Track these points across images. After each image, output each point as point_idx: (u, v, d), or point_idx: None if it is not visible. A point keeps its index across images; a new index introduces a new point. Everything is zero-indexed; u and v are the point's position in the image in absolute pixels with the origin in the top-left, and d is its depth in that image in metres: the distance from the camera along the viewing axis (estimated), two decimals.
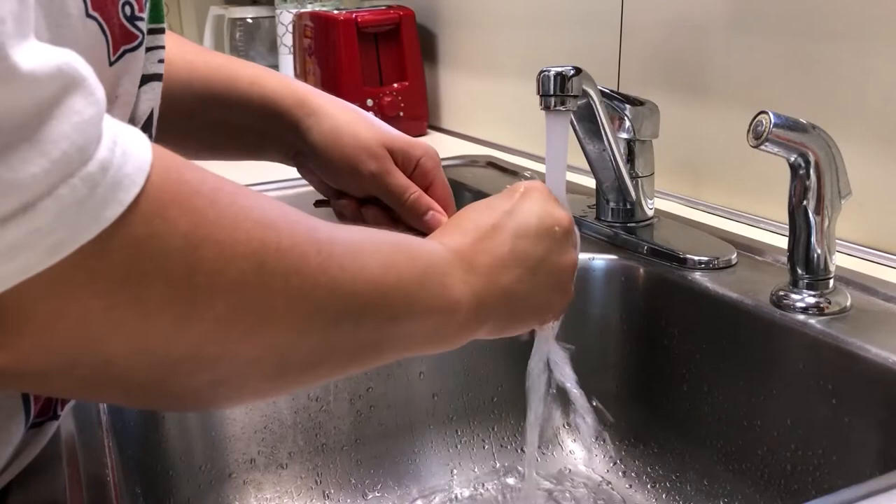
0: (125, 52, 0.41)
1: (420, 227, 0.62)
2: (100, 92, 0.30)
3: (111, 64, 0.40)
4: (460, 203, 0.61)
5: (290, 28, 1.52)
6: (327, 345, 0.40)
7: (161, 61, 0.49)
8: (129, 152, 0.30)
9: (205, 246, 0.33)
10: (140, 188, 0.30)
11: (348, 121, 0.63)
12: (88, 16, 0.37)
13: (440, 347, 0.48)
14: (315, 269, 0.37)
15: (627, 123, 0.80)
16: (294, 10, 1.52)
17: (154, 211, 0.31)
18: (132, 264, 0.30)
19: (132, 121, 0.46)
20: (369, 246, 0.42)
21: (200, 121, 0.65)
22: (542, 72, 0.66)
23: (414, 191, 0.62)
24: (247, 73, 0.65)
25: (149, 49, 0.46)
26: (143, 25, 0.42)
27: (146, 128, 0.48)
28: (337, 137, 0.62)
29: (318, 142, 0.62)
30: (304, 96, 0.64)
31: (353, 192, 0.64)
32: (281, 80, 0.65)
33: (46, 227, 0.27)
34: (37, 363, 0.31)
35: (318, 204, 0.67)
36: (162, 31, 0.48)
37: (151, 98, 0.48)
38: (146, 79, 0.47)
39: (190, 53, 0.65)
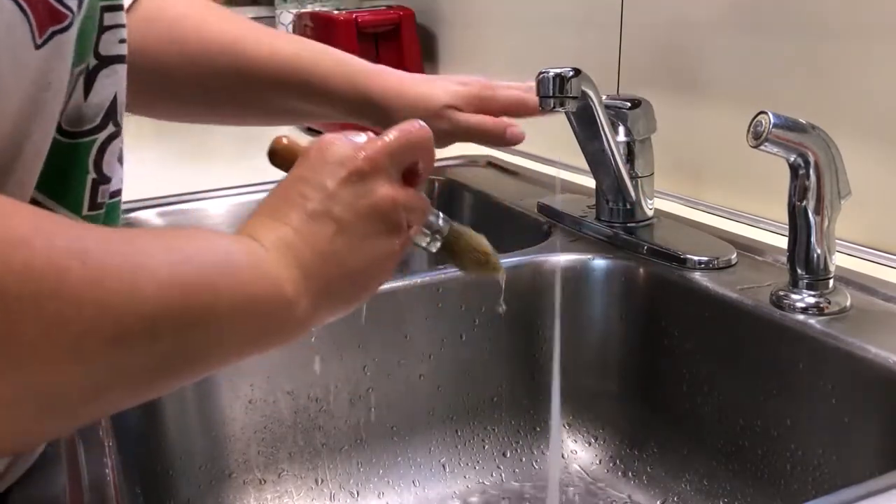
0: (53, 33, 0.38)
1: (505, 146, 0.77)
2: None
3: (38, 47, 0.37)
4: (461, 203, 0.61)
5: (291, 28, 1.52)
6: (113, 369, 0.33)
7: (122, 41, 0.45)
8: None
9: None
10: None
11: (413, 79, 0.75)
12: None
13: (274, 343, 0.41)
14: (79, 284, 0.31)
15: (623, 129, 0.80)
16: (294, 10, 1.52)
17: None
18: None
19: (88, 109, 0.43)
20: (155, 245, 0.36)
21: (272, 108, 0.75)
22: (541, 73, 0.66)
23: (488, 122, 0.74)
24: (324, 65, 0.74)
25: (107, 28, 0.44)
26: (73, 3, 0.39)
27: (110, 114, 0.45)
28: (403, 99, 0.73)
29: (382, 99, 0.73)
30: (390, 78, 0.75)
31: None
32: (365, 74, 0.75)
33: None
34: None
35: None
36: (120, 7, 0.45)
37: (114, 82, 0.45)
38: (107, 61, 0.44)
39: (266, 37, 0.73)
